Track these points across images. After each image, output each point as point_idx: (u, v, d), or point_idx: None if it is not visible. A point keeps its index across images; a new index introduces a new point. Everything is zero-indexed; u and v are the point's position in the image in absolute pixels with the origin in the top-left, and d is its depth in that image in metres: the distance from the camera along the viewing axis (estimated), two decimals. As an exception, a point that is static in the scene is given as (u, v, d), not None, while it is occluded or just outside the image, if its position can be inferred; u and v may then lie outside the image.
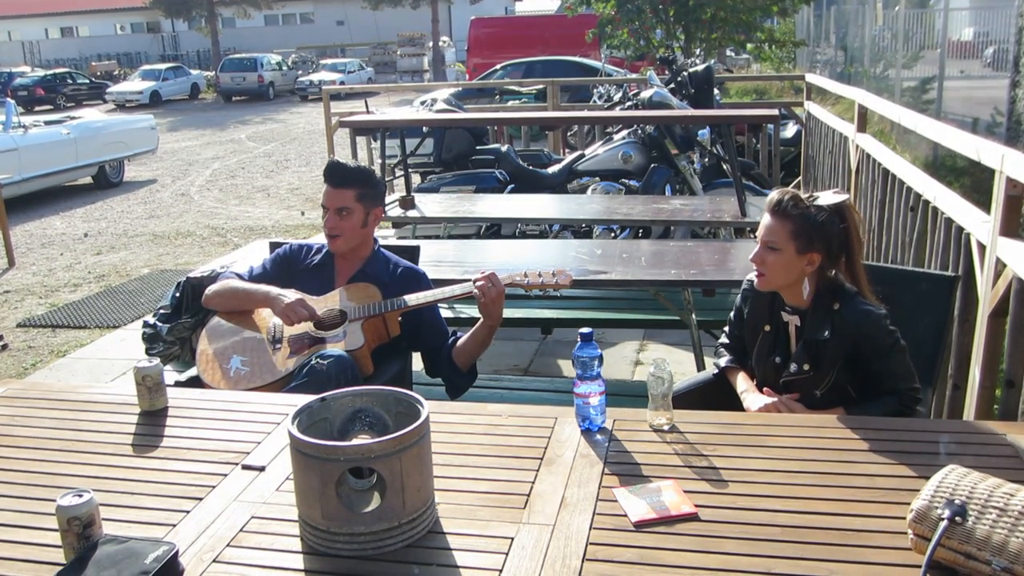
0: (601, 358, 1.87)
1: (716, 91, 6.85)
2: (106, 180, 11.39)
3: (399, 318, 2.61)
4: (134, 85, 28.89)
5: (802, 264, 2.06)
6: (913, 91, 10.88)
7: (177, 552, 1.45)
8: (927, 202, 3.11)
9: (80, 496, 1.47)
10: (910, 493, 1.47)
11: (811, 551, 1.43)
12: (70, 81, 29.74)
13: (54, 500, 1.48)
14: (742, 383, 2.26)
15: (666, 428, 1.88)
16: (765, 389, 2.18)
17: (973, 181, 6.07)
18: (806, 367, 2.10)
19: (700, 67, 6.36)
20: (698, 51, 11.55)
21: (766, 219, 2.09)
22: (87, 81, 30.84)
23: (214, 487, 1.72)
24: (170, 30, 45.96)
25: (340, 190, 2.64)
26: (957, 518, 1.33)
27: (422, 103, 7.43)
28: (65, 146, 10.43)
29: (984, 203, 2.54)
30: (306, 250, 2.82)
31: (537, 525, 1.54)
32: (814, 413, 2.06)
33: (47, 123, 10.79)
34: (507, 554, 1.46)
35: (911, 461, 1.69)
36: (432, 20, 33.97)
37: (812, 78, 7.39)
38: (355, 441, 1.58)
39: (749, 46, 14.25)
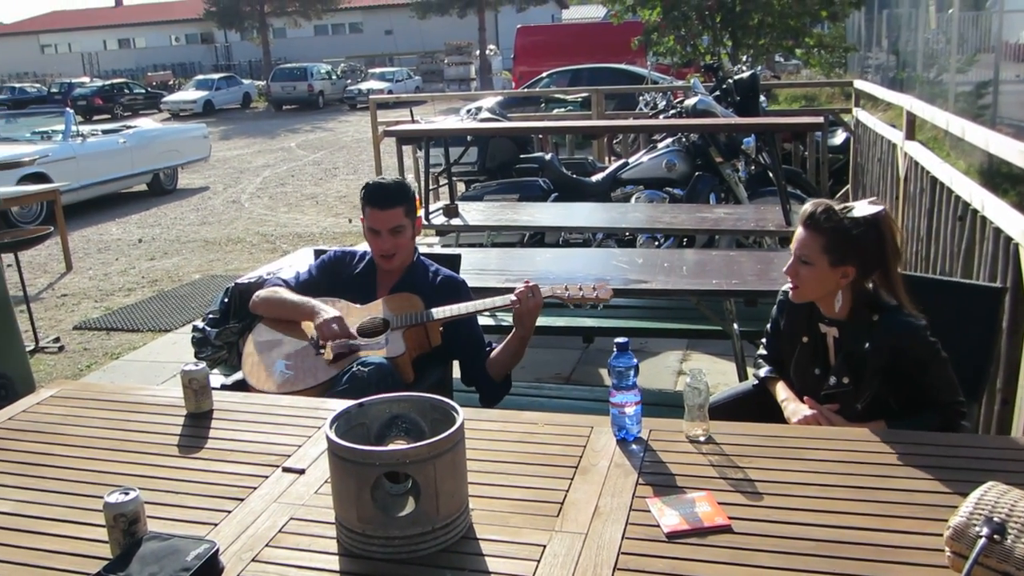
0: (637, 368, 1.87)
1: (763, 98, 6.79)
2: (160, 187, 11.68)
3: (440, 328, 2.64)
4: (188, 95, 29.62)
5: (836, 277, 2.04)
6: (968, 96, 10.64)
7: (218, 550, 1.49)
8: (975, 211, 3.05)
9: (127, 494, 1.52)
10: (949, 509, 1.45)
11: (846, 566, 1.41)
12: (127, 91, 30.63)
13: (102, 497, 1.53)
14: (782, 392, 2.24)
15: (702, 439, 1.87)
16: (806, 399, 2.15)
17: (1030, 189, 5.93)
18: (846, 380, 2.08)
19: (745, 74, 6.31)
20: (745, 57, 11.45)
21: (799, 231, 2.08)
22: (143, 91, 31.72)
23: (255, 488, 1.76)
24: (223, 41, 46.97)
25: (390, 211, 2.65)
26: (996, 536, 1.31)
27: (467, 112, 7.49)
28: (121, 154, 10.72)
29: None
30: (350, 257, 2.86)
31: (570, 533, 1.55)
32: (854, 426, 2.03)
33: (104, 132, 11.10)
34: (539, 561, 1.47)
35: (952, 477, 1.66)
36: (479, 29, 34.18)
37: (861, 84, 7.27)
38: (391, 446, 1.61)
39: (798, 51, 14.05)
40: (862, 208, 2.02)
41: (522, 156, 6.20)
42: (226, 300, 3.15)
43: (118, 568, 1.44)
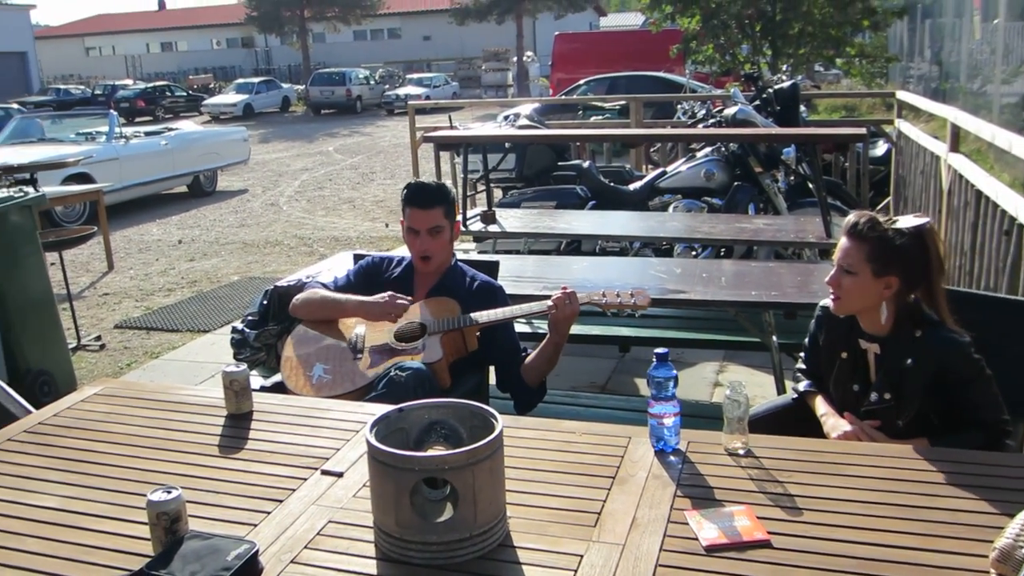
0: (676, 379, 1.86)
1: (803, 108, 6.72)
2: (200, 189, 11.86)
3: (477, 333, 2.65)
4: (228, 98, 30.06)
5: (879, 288, 2.02)
6: (1013, 108, 10.43)
7: (257, 551, 1.51)
8: (1021, 225, 2.99)
9: (169, 492, 1.54)
10: (995, 530, 1.42)
11: (888, 585, 1.40)
12: (169, 94, 31.19)
13: (145, 495, 1.56)
14: (822, 406, 2.21)
15: (741, 452, 1.85)
16: (846, 414, 2.13)
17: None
18: (887, 396, 2.05)
19: (786, 84, 6.25)
20: (785, 67, 11.35)
21: (843, 241, 2.07)
22: (184, 94, 32.29)
23: (294, 490, 1.78)
24: (263, 45, 47.62)
25: (430, 210, 2.68)
26: (1044, 559, 1.28)
27: (505, 118, 7.51)
28: (162, 156, 10.91)
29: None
30: (387, 262, 2.89)
31: (607, 544, 1.54)
32: (896, 442, 2.01)
33: (146, 134, 11.29)
34: (576, 571, 1.47)
35: (997, 497, 1.63)
36: (517, 35, 34.25)
37: (903, 95, 7.17)
38: (430, 452, 1.61)
39: (839, 61, 13.89)
40: (907, 220, 2.02)
41: (560, 163, 6.21)
42: (265, 302, 3.20)
43: (160, 565, 1.46)
